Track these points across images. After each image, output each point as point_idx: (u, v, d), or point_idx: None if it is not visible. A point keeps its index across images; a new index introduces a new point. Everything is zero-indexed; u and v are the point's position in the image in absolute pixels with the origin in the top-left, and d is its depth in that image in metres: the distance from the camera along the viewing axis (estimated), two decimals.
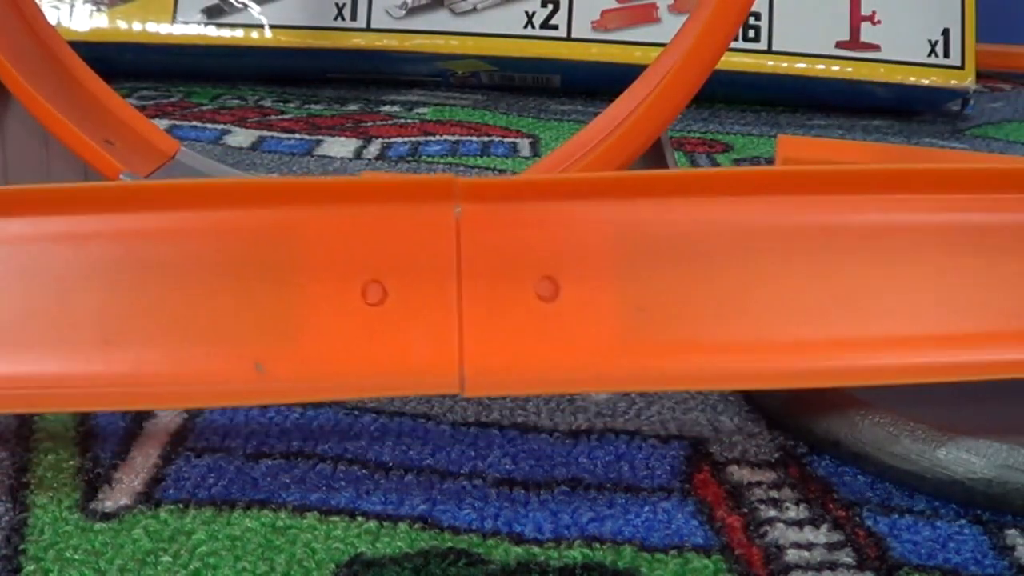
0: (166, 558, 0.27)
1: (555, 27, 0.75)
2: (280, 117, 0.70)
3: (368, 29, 0.76)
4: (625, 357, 0.30)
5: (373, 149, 0.63)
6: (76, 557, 0.27)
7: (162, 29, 0.76)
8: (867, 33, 0.74)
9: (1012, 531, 0.29)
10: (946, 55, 0.73)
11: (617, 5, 0.75)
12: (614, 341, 0.29)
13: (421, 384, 0.30)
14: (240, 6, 0.76)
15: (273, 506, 0.29)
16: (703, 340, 0.30)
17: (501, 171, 0.59)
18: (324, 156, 0.62)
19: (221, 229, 0.30)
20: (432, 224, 0.30)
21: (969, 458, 0.30)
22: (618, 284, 0.29)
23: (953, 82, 0.73)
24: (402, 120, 0.71)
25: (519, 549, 0.28)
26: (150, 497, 0.29)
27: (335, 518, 0.29)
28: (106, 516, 0.29)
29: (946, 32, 0.74)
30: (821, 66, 0.74)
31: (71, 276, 0.29)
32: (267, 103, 0.74)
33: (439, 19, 0.75)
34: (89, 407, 0.30)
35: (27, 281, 0.29)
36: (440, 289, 0.30)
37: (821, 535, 0.29)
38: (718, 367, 0.30)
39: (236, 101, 0.75)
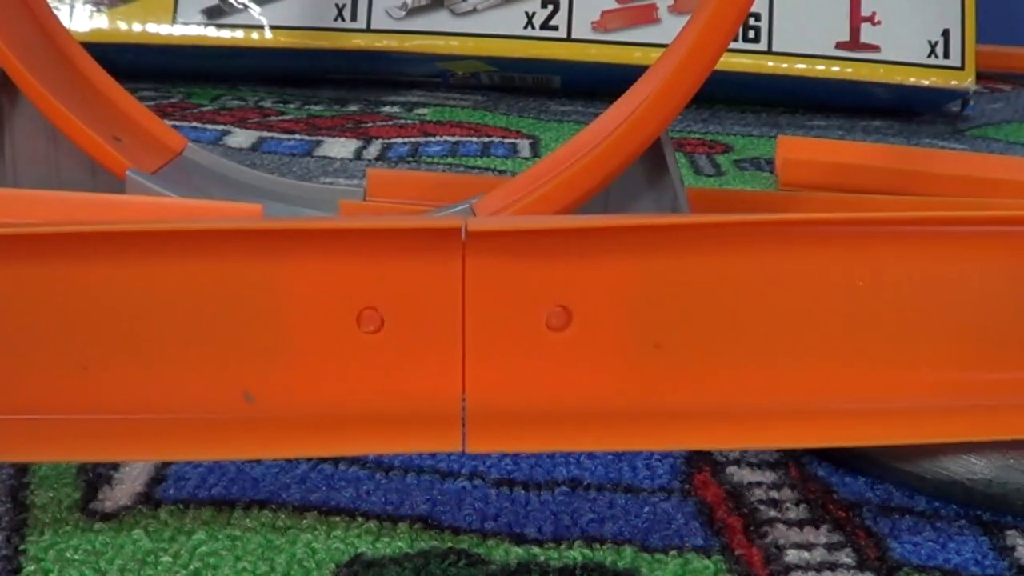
0: (166, 558, 0.27)
1: (555, 28, 0.75)
2: (280, 118, 0.70)
3: (368, 30, 0.76)
4: (638, 397, 0.29)
5: (373, 150, 0.63)
6: (76, 557, 0.27)
7: (162, 30, 0.76)
8: (867, 34, 0.74)
9: (1012, 531, 0.29)
10: (946, 56, 0.74)
11: (617, 6, 0.75)
12: (628, 377, 0.29)
13: (422, 438, 0.28)
14: (240, 7, 0.76)
15: (273, 506, 0.29)
16: (723, 387, 0.29)
17: (501, 172, 0.59)
18: (324, 157, 0.62)
19: (209, 258, 0.29)
20: (434, 252, 0.28)
21: (969, 458, 0.30)
22: (634, 317, 0.28)
23: (953, 83, 0.73)
24: (402, 121, 0.71)
25: (519, 549, 0.28)
26: (150, 497, 0.29)
27: (335, 518, 0.29)
28: (106, 516, 0.29)
29: (946, 33, 0.74)
30: (821, 67, 0.74)
31: (47, 302, 0.28)
32: (267, 104, 0.74)
33: (439, 20, 0.75)
34: (69, 456, 0.29)
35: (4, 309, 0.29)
36: (442, 318, 0.28)
37: (821, 536, 0.29)
38: (742, 419, 0.29)
39: (236, 102, 0.75)
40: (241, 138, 0.65)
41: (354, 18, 0.76)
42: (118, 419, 0.28)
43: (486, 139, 0.67)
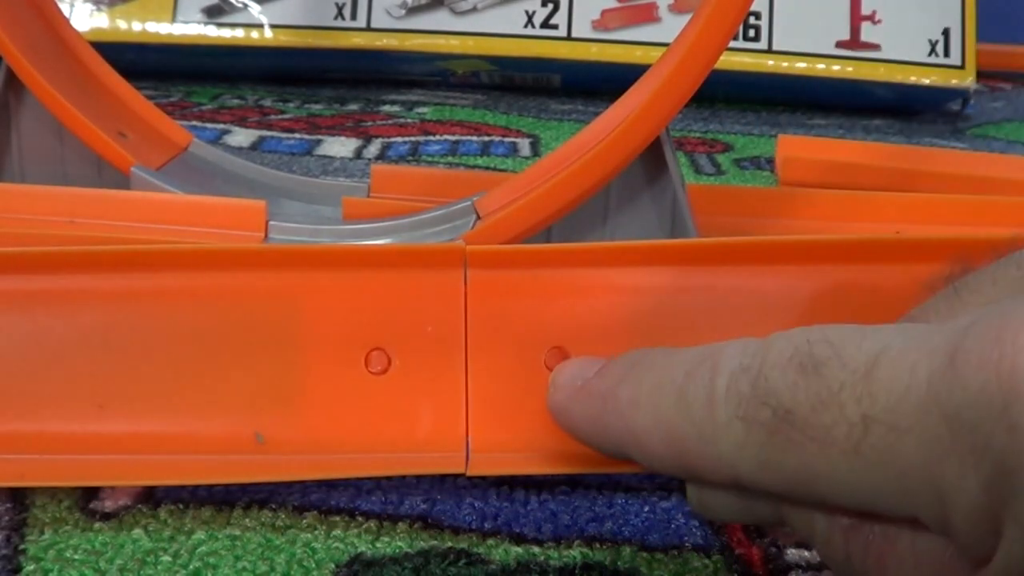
0: (166, 558, 0.27)
1: (555, 27, 0.75)
2: (280, 117, 0.70)
3: (368, 29, 0.76)
4: None
5: (373, 149, 0.63)
6: (76, 557, 0.27)
7: (162, 29, 0.76)
8: (867, 33, 0.74)
9: None
10: (946, 55, 0.73)
11: (617, 5, 0.75)
12: None
13: (425, 462, 0.29)
14: (240, 6, 0.76)
15: (273, 506, 0.29)
16: None
17: (501, 171, 0.59)
18: (324, 156, 0.61)
19: (220, 292, 0.29)
20: (439, 292, 0.29)
21: None
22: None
23: (953, 82, 0.73)
24: (402, 120, 0.71)
25: (519, 549, 0.28)
26: (150, 497, 0.29)
27: (335, 518, 0.29)
28: (106, 516, 0.29)
29: (946, 32, 0.74)
30: (821, 66, 0.74)
31: (63, 338, 0.29)
32: (267, 103, 0.74)
33: (439, 19, 0.75)
34: (82, 481, 0.29)
35: (15, 342, 0.29)
36: (446, 358, 0.29)
37: None
38: None
39: (236, 101, 0.75)
40: (241, 137, 0.65)
41: (354, 17, 0.76)
42: (130, 460, 0.29)
43: (486, 138, 0.67)
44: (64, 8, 0.74)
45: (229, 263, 0.29)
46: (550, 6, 0.75)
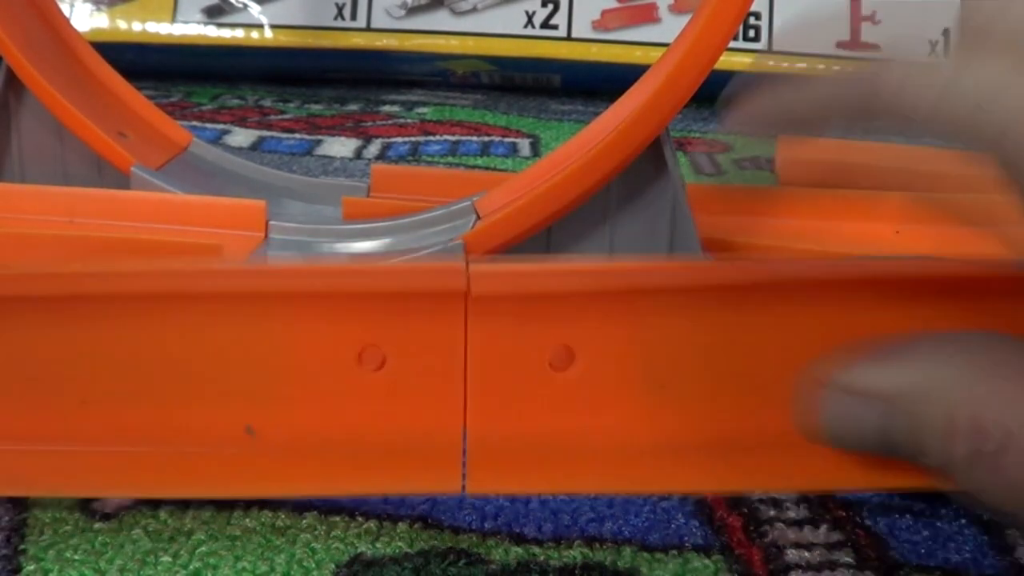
0: (166, 558, 0.27)
1: (555, 27, 0.75)
2: (280, 117, 0.70)
3: (368, 29, 0.76)
4: (643, 439, 0.28)
5: (373, 149, 0.63)
6: (76, 557, 0.27)
7: (162, 29, 0.76)
8: (867, 33, 0.74)
9: (1012, 531, 0.29)
10: (946, 55, 0.73)
11: (617, 5, 0.75)
12: (632, 418, 0.28)
13: (421, 475, 0.28)
14: (240, 6, 0.76)
15: (273, 506, 0.29)
16: (728, 427, 0.28)
17: (501, 171, 0.59)
18: (324, 156, 0.62)
19: (210, 304, 0.28)
20: (439, 297, 0.28)
21: None
22: (639, 358, 0.28)
23: None
24: (402, 120, 0.71)
25: (519, 549, 0.28)
26: (150, 497, 0.29)
27: (335, 518, 0.29)
28: (106, 516, 0.29)
29: (946, 32, 0.74)
30: (821, 66, 0.74)
31: (46, 333, 0.28)
32: (267, 103, 0.74)
33: (439, 19, 0.75)
34: (68, 491, 0.29)
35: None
36: (444, 355, 0.28)
37: (821, 535, 0.29)
38: (749, 460, 0.28)
39: (236, 101, 0.75)
40: (241, 137, 0.65)
41: (354, 17, 0.76)
42: (116, 452, 0.28)
43: (486, 138, 0.67)
44: (64, 8, 0.74)
45: (222, 284, 0.28)
46: (550, 6, 0.75)
